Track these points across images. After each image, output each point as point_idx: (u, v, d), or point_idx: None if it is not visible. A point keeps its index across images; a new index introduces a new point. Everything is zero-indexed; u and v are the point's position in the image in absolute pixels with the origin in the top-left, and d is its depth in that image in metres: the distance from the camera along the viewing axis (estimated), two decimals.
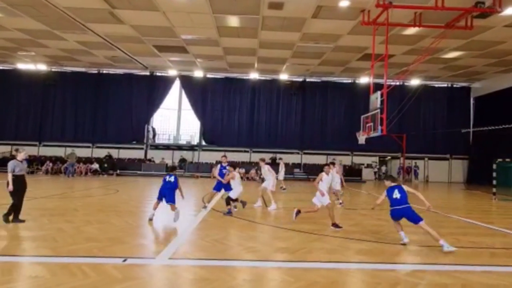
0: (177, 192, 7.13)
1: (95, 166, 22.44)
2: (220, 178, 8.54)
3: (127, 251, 4.85)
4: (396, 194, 5.58)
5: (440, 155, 25.73)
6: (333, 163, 11.24)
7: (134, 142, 25.43)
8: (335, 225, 6.74)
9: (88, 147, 25.05)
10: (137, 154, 25.46)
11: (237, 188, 8.11)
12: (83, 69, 24.92)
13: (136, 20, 15.13)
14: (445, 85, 26.11)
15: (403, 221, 5.65)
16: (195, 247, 5.30)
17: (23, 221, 6.23)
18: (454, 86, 26.06)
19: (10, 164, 6.20)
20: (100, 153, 24.85)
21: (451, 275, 4.16)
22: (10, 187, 6.11)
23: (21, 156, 6.37)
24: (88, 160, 23.40)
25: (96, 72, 25.27)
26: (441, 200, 13.20)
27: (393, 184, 5.79)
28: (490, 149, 21.06)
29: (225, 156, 8.92)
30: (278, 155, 24.93)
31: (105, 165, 22.87)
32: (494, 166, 13.26)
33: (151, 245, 5.37)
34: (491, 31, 14.75)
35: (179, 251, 5.06)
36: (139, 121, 25.36)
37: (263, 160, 10.26)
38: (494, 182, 13.37)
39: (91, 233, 5.80)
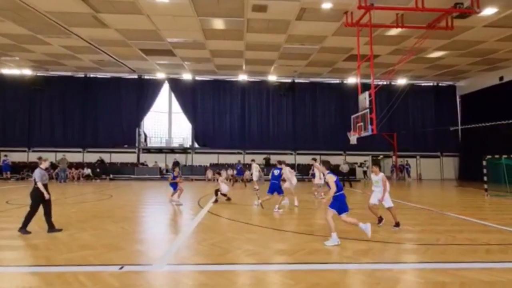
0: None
1: (87, 171, 22.01)
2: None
3: (124, 258, 4.75)
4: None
5: (431, 153, 26.25)
6: (315, 159, 12.39)
7: (126, 146, 25.08)
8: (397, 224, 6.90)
9: (79, 152, 24.57)
10: (130, 158, 25.11)
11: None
12: (69, 73, 24.45)
13: (121, 23, 14.95)
14: (431, 84, 26.69)
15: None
16: (193, 252, 5.23)
17: (29, 232, 6.12)
18: (440, 84, 26.67)
19: (38, 174, 6.14)
20: (92, 157, 24.45)
21: (450, 273, 4.21)
22: (47, 195, 6.10)
23: (45, 164, 6.35)
24: (80, 165, 22.95)
25: (83, 76, 24.84)
26: (435, 198, 13.44)
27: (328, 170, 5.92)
28: (479, 146, 21.56)
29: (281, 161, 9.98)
30: (265, 156, 25.05)
31: (97, 170, 22.46)
32: (484, 163, 13.38)
33: (148, 251, 5.27)
34: (471, 31, 15.19)
35: (177, 256, 4.99)
36: (130, 124, 25.02)
37: (283, 162, 10.70)
38: (485, 178, 13.44)
39: (86, 240, 5.67)
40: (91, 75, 24.94)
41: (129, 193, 14.55)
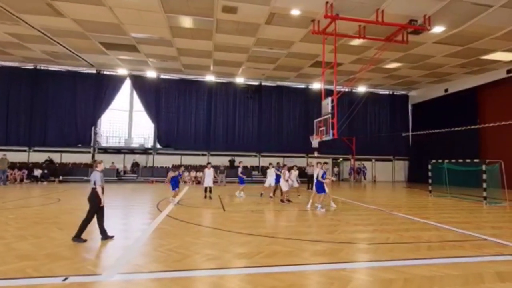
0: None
1: (37, 172, 20.14)
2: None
3: (69, 269, 4.38)
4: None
5: (385, 156, 28.10)
6: (271, 163, 13.82)
7: (79, 145, 23.38)
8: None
9: (24, 151, 22.39)
10: (83, 158, 23.41)
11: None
12: (16, 64, 22.23)
13: (79, 13, 13.96)
14: (388, 93, 28.63)
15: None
16: (148, 259, 4.99)
17: (85, 240, 5.82)
18: (395, 93, 28.70)
19: (98, 176, 5.78)
20: (39, 157, 22.40)
21: (396, 270, 4.50)
22: (103, 201, 5.75)
23: (100, 167, 6.01)
24: (25, 166, 20.90)
25: (32, 68, 22.74)
26: (387, 199, 14.39)
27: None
28: (426, 151, 23.66)
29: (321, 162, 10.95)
30: (237, 158, 24.97)
31: (45, 171, 20.60)
32: (429, 167, 14.89)
33: (98, 260, 4.92)
34: (423, 46, 16.63)
35: (130, 264, 4.72)
36: (85, 122, 23.39)
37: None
38: (430, 181, 15.06)
39: (25, 250, 5.14)
40: (42, 67, 22.94)
41: (80, 197, 13.50)
